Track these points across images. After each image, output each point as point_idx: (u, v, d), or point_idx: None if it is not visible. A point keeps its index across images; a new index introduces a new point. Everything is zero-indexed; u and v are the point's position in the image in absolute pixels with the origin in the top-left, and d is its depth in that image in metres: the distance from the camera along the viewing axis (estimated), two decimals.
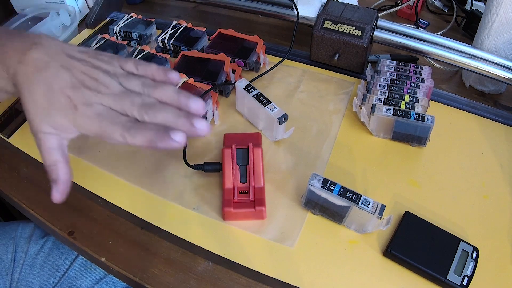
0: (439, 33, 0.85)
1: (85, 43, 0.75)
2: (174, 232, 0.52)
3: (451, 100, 0.66)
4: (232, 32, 0.74)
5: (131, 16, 0.80)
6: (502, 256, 0.48)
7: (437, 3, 0.92)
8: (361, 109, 0.60)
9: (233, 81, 0.68)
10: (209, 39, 0.75)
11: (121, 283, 0.65)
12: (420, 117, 0.55)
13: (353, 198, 0.47)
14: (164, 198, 0.55)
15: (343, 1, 0.70)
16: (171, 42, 0.74)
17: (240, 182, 0.52)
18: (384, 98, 0.59)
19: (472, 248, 0.47)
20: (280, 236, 0.51)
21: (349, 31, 0.65)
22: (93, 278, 0.64)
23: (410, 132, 0.57)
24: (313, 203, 0.51)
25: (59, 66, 0.38)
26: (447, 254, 0.47)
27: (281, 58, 0.71)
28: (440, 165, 0.57)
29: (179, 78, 0.41)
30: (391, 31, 0.68)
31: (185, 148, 0.59)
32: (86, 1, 0.92)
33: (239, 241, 0.51)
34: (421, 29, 0.84)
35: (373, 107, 0.58)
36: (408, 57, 0.78)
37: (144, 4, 0.99)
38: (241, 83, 0.61)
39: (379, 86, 0.61)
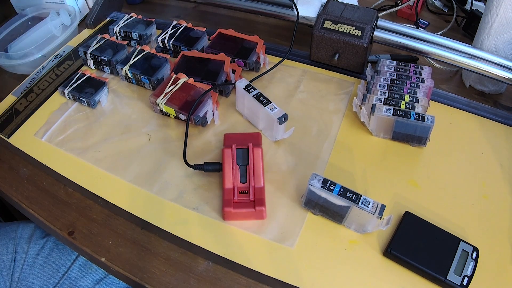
0: (439, 33, 0.85)
1: (85, 43, 0.76)
2: (174, 232, 0.52)
3: (451, 100, 0.66)
4: (232, 32, 0.74)
5: (131, 16, 0.80)
6: (502, 256, 0.48)
7: (437, 3, 0.92)
8: (361, 109, 0.60)
9: (233, 81, 0.68)
10: (209, 39, 0.75)
11: (122, 283, 0.65)
12: (420, 117, 0.55)
13: (353, 198, 0.47)
14: (164, 198, 0.55)
15: (343, 1, 0.70)
16: (171, 42, 0.74)
17: (240, 182, 0.52)
18: (384, 98, 0.59)
19: (472, 248, 0.47)
20: (280, 236, 0.51)
21: (349, 31, 0.65)
22: (93, 279, 0.64)
23: (410, 132, 0.57)
24: (313, 203, 0.51)
25: None
26: (447, 254, 0.47)
27: (281, 58, 0.71)
28: (440, 165, 0.57)
29: None
30: (391, 31, 0.68)
31: (185, 148, 0.59)
32: (86, 1, 0.92)
33: (239, 241, 0.51)
34: (421, 29, 0.84)
35: (373, 107, 0.58)
36: (408, 57, 0.78)
37: (144, 4, 0.99)
38: (241, 83, 0.61)
39: (379, 86, 0.61)
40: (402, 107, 0.58)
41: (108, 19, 0.86)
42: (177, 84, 0.64)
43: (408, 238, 0.48)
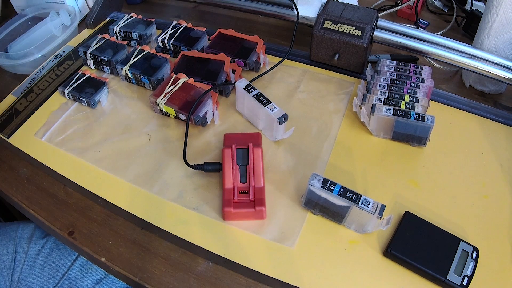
0: (439, 33, 0.85)
1: (85, 43, 0.76)
2: (174, 232, 0.52)
3: (451, 100, 0.66)
4: (232, 32, 0.74)
5: (131, 16, 0.80)
6: (502, 256, 0.48)
7: (437, 3, 0.92)
8: (361, 109, 0.60)
9: (233, 81, 0.68)
10: (209, 39, 0.75)
11: (122, 283, 0.65)
12: (420, 117, 0.55)
13: (353, 198, 0.47)
14: (164, 198, 0.55)
15: (343, 1, 0.70)
16: (171, 42, 0.74)
17: (240, 182, 0.52)
18: (384, 98, 0.59)
19: (472, 248, 0.47)
20: (280, 236, 0.51)
21: (349, 31, 0.65)
22: (93, 279, 0.64)
23: (410, 132, 0.57)
24: (313, 203, 0.51)
25: None
26: (447, 254, 0.47)
27: (281, 58, 0.71)
28: (440, 165, 0.57)
29: None
30: (391, 31, 0.68)
31: (185, 148, 0.59)
32: (86, 1, 0.92)
33: (239, 241, 0.51)
34: (421, 29, 0.84)
35: (373, 107, 0.58)
36: (408, 57, 0.78)
37: (144, 4, 0.99)
38: (241, 83, 0.61)
39: (379, 86, 0.61)
40: (402, 107, 0.58)
41: (108, 19, 0.86)
42: (177, 84, 0.64)
43: (408, 238, 0.48)
